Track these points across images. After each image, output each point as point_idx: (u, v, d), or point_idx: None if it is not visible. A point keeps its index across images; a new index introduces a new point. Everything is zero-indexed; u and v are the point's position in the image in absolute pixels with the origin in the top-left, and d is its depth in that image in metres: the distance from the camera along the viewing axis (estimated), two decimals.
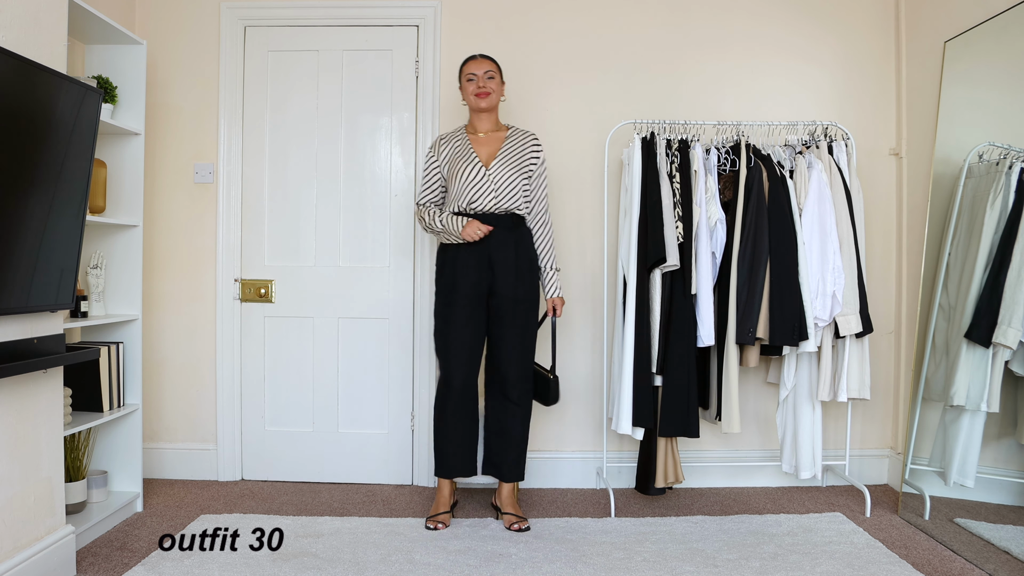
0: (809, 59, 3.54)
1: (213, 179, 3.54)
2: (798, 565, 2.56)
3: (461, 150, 2.98)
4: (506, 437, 2.97)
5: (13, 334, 2.20)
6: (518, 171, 2.94)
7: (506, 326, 2.92)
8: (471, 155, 2.95)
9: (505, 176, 2.91)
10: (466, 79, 2.97)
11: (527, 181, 2.96)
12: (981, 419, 2.82)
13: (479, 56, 3.00)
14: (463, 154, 2.96)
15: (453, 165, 2.96)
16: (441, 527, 2.89)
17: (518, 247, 2.93)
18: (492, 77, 2.96)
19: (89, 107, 2.37)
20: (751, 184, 3.06)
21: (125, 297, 3.09)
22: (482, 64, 2.96)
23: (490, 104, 2.97)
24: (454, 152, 2.99)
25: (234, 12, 3.53)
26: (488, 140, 3.00)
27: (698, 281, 3.05)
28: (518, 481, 3.01)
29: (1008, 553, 2.57)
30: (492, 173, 2.90)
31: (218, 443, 3.56)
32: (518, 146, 2.99)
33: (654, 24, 3.53)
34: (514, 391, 2.94)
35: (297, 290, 3.56)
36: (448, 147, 3.01)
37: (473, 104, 2.97)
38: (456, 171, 2.94)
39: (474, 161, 2.93)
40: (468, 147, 2.97)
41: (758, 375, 3.52)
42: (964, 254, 2.92)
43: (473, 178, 2.90)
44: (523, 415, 2.98)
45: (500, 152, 2.95)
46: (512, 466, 2.98)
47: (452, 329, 2.92)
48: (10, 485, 2.23)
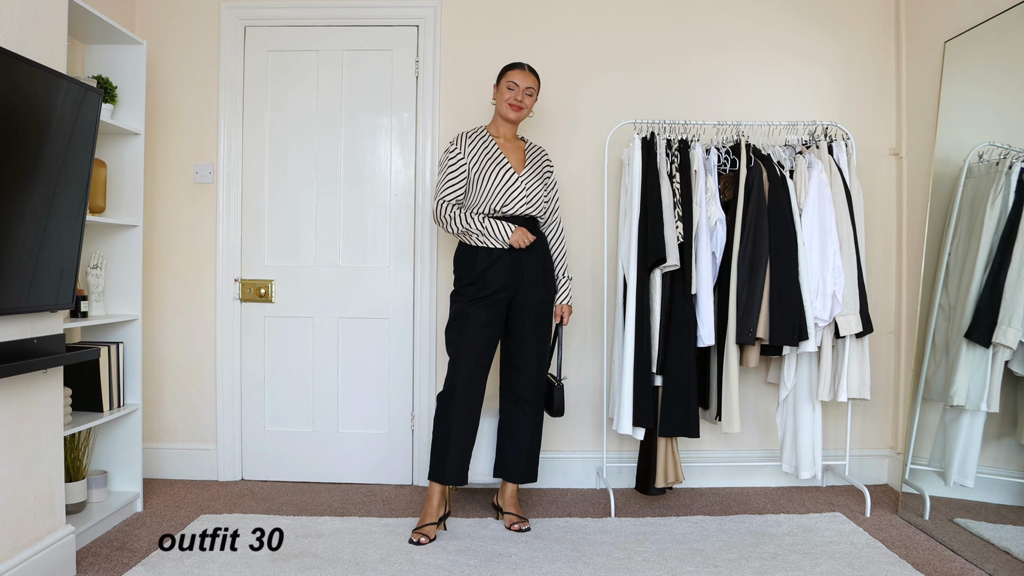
0: (809, 59, 3.55)
1: (213, 179, 3.54)
2: (798, 565, 2.56)
3: (490, 152, 2.95)
4: (521, 439, 2.96)
5: (13, 334, 2.20)
6: (542, 183, 2.99)
7: (528, 327, 2.92)
8: (502, 159, 2.94)
9: (535, 186, 2.94)
10: (506, 86, 2.95)
11: (547, 193, 3.01)
12: (981, 419, 2.82)
13: (527, 68, 2.97)
14: (493, 156, 2.94)
15: (481, 165, 2.92)
16: (425, 541, 2.73)
17: (544, 252, 2.98)
18: (531, 94, 2.96)
19: (89, 107, 2.37)
20: (751, 184, 3.06)
21: (125, 297, 3.09)
22: (526, 78, 2.95)
23: (519, 118, 2.98)
24: (482, 152, 2.95)
25: (234, 12, 3.53)
26: (514, 148, 3.02)
27: (698, 281, 3.05)
28: (528, 483, 3.01)
29: (1008, 553, 2.57)
30: (524, 180, 2.92)
31: (218, 443, 3.56)
32: (538, 159, 3.04)
33: (654, 24, 3.53)
34: (530, 392, 2.93)
35: (297, 290, 3.56)
36: (473, 146, 2.96)
37: (503, 112, 2.96)
38: (486, 172, 2.90)
39: (506, 165, 2.93)
40: (497, 150, 2.96)
41: (758, 375, 3.52)
42: (964, 254, 2.92)
43: (508, 181, 2.89)
44: (538, 417, 2.98)
45: (528, 160, 3.00)
46: (524, 468, 2.98)
47: (470, 327, 2.84)
48: (10, 485, 2.23)
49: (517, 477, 2.98)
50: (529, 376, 2.94)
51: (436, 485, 2.87)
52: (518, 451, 2.97)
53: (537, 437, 3.01)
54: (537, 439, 3.01)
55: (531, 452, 2.99)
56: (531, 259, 2.91)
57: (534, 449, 3.00)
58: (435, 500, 2.87)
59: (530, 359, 2.94)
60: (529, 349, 2.93)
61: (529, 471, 3.00)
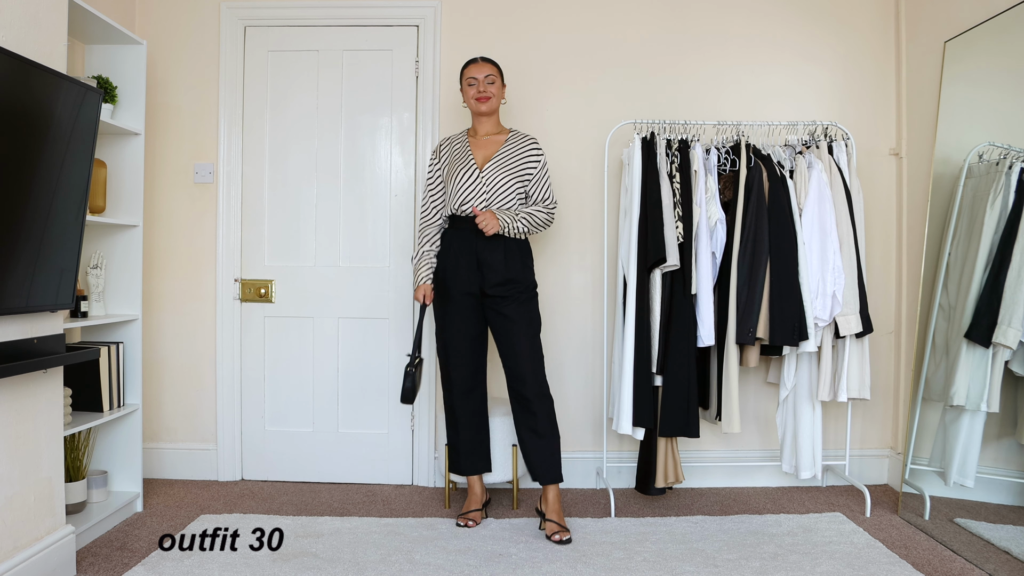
0: (809, 59, 3.54)
1: (213, 179, 3.54)
2: (798, 565, 2.56)
3: (460, 153, 2.99)
4: (535, 440, 2.91)
5: (13, 334, 2.20)
6: (512, 174, 2.92)
7: (505, 327, 2.91)
8: (468, 157, 2.96)
9: (498, 179, 2.90)
10: (467, 83, 2.97)
11: (522, 185, 2.95)
12: (981, 419, 2.82)
13: (480, 60, 2.99)
14: (461, 157, 2.97)
15: (452, 168, 2.97)
16: (472, 524, 2.93)
17: (507, 250, 2.90)
18: (492, 82, 2.95)
19: (89, 107, 2.37)
20: (751, 184, 3.06)
21: (125, 297, 3.09)
22: (483, 68, 2.95)
23: (490, 108, 2.97)
24: (453, 155, 3.00)
25: (234, 12, 3.53)
26: (487, 143, 3.00)
27: (698, 281, 3.05)
28: (557, 483, 2.91)
29: (1008, 553, 2.57)
30: (485, 175, 2.90)
31: (218, 443, 3.56)
32: (515, 149, 2.97)
33: (654, 24, 3.53)
34: (530, 391, 2.89)
35: (297, 290, 3.56)
36: (449, 151, 3.03)
37: (473, 108, 2.98)
38: (452, 173, 2.95)
39: (470, 163, 2.94)
40: (467, 150, 2.99)
41: (758, 375, 3.52)
42: (964, 254, 2.92)
43: (466, 180, 2.91)
44: (545, 413, 2.90)
45: (496, 155, 2.95)
46: (547, 468, 2.90)
47: (448, 329, 2.97)
48: (10, 485, 2.23)
49: (541, 478, 2.91)
50: (520, 376, 2.89)
51: (471, 476, 3.08)
52: (535, 451, 2.91)
53: (552, 433, 2.90)
54: (553, 435, 2.91)
55: (550, 450, 2.90)
56: (492, 257, 2.88)
57: (552, 446, 2.90)
58: (476, 488, 3.08)
59: (517, 360, 2.89)
60: (511, 345, 2.89)
61: (553, 471, 2.90)
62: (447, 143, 3.06)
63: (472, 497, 3.07)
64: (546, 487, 2.92)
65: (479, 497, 3.07)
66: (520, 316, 2.90)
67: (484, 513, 3.05)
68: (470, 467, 3.07)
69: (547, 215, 2.97)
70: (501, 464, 3.17)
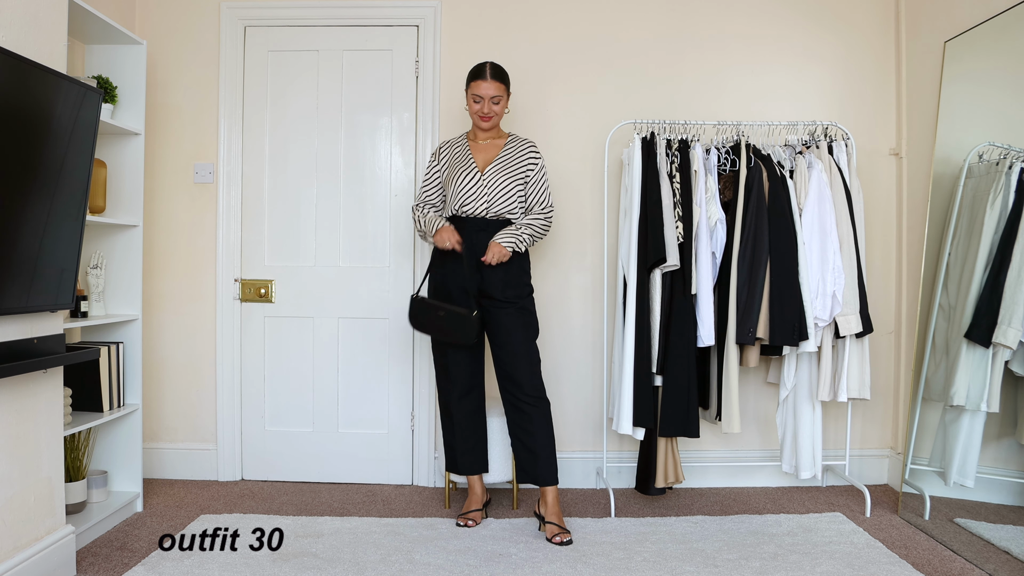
0: (809, 59, 3.54)
1: (213, 179, 3.54)
2: (798, 565, 2.56)
3: (461, 156, 2.99)
4: (529, 443, 2.90)
5: (13, 334, 2.20)
6: (512, 178, 2.92)
7: (502, 330, 2.91)
8: (469, 161, 2.96)
9: (499, 182, 2.90)
10: (472, 99, 2.94)
11: (522, 188, 2.94)
12: (981, 419, 2.82)
13: (489, 74, 2.89)
14: (462, 160, 2.98)
15: (452, 171, 2.97)
16: (472, 524, 2.94)
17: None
18: (498, 102, 2.93)
19: (89, 107, 2.37)
20: (751, 184, 3.06)
21: (125, 297, 3.09)
22: (490, 88, 2.89)
23: (492, 126, 2.98)
24: (454, 158, 3.01)
25: (234, 12, 3.53)
26: (488, 146, 3.00)
27: (698, 281, 3.05)
28: (554, 485, 2.90)
29: (1008, 553, 2.57)
30: (486, 178, 2.90)
31: (218, 443, 3.56)
32: (515, 153, 2.97)
33: (654, 23, 3.53)
34: (525, 394, 2.89)
35: (297, 290, 3.56)
36: (449, 153, 3.03)
37: (476, 123, 2.98)
38: (453, 176, 2.95)
39: (471, 166, 2.94)
40: (467, 153, 2.99)
41: (758, 375, 3.51)
42: (964, 254, 2.92)
43: (467, 183, 2.91)
44: (541, 416, 2.90)
45: (497, 158, 2.95)
46: (543, 470, 2.89)
47: None
48: (10, 485, 2.23)
49: (538, 479, 2.90)
50: (515, 379, 2.88)
51: (470, 476, 3.08)
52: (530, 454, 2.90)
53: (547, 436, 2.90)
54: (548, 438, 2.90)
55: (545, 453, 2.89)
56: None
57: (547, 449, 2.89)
58: (476, 488, 3.08)
59: (512, 362, 2.88)
60: (508, 350, 2.89)
61: (549, 473, 2.89)
62: (447, 146, 3.06)
63: (472, 497, 3.07)
64: (544, 489, 2.91)
65: (479, 497, 3.07)
66: (517, 321, 2.90)
67: (484, 513, 3.05)
68: (467, 467, 3.08)
69: (545, 222, 2.96)
70: (500, 464, 3.17)
